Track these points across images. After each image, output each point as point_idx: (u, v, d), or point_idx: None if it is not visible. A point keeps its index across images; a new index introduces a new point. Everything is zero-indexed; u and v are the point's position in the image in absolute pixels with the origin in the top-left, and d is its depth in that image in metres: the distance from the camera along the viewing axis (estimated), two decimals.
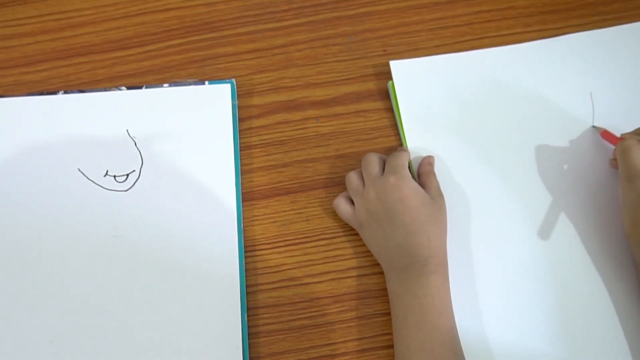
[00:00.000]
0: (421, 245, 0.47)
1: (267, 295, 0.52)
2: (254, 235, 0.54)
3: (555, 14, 0.63)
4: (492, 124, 0.57)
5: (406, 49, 0.62)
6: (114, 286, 0.50)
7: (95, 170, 0.55)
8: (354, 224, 0.53)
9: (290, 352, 0.50)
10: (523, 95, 0.58)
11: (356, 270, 0.53)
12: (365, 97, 0.60)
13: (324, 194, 0.56)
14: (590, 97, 0.58)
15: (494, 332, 0.49)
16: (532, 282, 0.51)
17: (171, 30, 0.63)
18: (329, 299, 0.51)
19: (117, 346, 0.49)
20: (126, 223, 0.53)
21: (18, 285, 0.50)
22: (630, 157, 0.48)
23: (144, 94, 0.58)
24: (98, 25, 0.63)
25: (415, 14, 0.64)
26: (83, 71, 0.61)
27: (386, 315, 0.50)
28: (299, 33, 0.63)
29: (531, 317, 0.50)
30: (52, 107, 0.57)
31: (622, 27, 0.61)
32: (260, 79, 0.60)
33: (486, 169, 0.55)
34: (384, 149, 0.57)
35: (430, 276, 0.47)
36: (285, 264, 0.53)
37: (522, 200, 0.54)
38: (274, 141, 0.58)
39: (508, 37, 0.62)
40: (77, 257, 0.51)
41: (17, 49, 0.62)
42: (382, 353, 0.50)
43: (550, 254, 0.52)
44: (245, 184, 0.56)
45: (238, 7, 0.64)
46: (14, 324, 0.49)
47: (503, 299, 0.51)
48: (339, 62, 0.61)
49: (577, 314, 0.50)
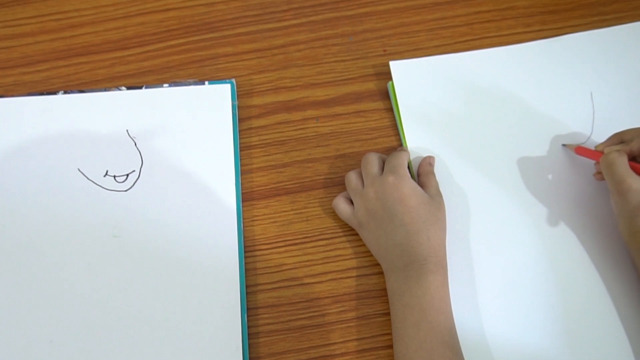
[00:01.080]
0: (420, 244, 0.48)
1: (267, 295, 0.52)
2: (254, 235, 0.54)
3: (555, 14, 0.63)
4: (492, 124, 0.57)
5: (406, 49, 0.62)
6: (114, 286, 0.50)
7: (95, 170, 0.55)
8: (353, 224, 0.53)
9: (290, 352, 0.50)
10: (523, 95, 0.58)
11: (356, 270, 0.53)
12: (365, 97, 0.60)
13: (324, 194, 0.56)
14: (591, 97, 0.58)
15: (493, 332, 0.49)
16: (531, 281, 0.51)
17: (171, 31, 0.63)
18: (329, 299, 0.51)
19: (117, 346, 0.49)
20: (126, 223, 0.53)
21: (18, 285, 0.50)
22: (616, 171, 0.47)
23: (144, 94, 0.58)
24: (98, 26, 0.63)
25: (415, 14, 0.64)
26: (83, 71, 0.61)
27: (386, 315, 0.50)
28: (299, 33, 0.63)
29: (530, 316, 0.50)
30: (52, 107, 0.57)
31: (622, 27, 0.61)
32: (260, 79, 0.60)
33: (486, 169, 0.55)
34: (384, 149, 0.57)
35: (430, 275, 0.47)
36: (285, 264, 0.53)
37: (522, 200, 0.54)
38: (274, 141, 0.58)
39: (508, 37, 0.62)
40: (77, 257, 0.51)
41: (17, 49, 0.62)
42: (382, 353, 0.50)
43: (550, 254, 0.52)
44: (245, 184, 0.56)
45: (238, 7, 0.64)
46: (14, 324, 0.49)
47: (502, 298, 0.51)
48: (338, 63, 0.61)
49: (576, 313, 0.50)
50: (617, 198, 0.48)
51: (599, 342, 0.49)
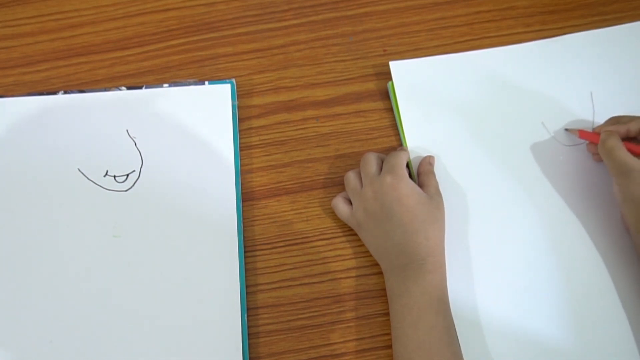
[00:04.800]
0: (419, 244, 0.48)
1: (267, 296, 0.52)
2: (254, 236, 0.54)
3: (555, 14, 0.63)
4: (492, 124, 0.57)
5: (406, 49, 0.62)
6: (114, 286, 0.50)
7: (95, 170, 0.55)
8: (352, 224, 0.53)
9: (290, 352, 0.50)
10: (523, 95, 0.58)
11: (356, 270, 0.53)
12: (365, 97, 0.60)
13: (323, 194, 0.56)
14: (591, 97, 0.58)
15: (493, 331, 0.49)
16: (531, 281, 0.51)
17: (171, 30, 0.63)
18: (328, 299, 0.51)
19: (117, 346, 0.49)
20: (126, 223, 0.53)
21: (18, 285, 0.50)
22: (616, 156, 0.49)
23: (144, 94, 0.58)
24: (98, 25, 0.63)
25: (415, 14, 0.64)
26: (83, 71, 0.61)
27: (386, 315, 0.50)
28: (299, 33, 0.63)
29: (530, 316, 0.50)
30: (52, 107, 0.57)
31: (622, 27, 0.61)
32: (260, 79, 0.60)
33: (485, 169, 0.55)
34: (383, 149, 0.57)
35: (428, 275, 0.47)
36: (285, 264, 0.53)
37: (522, 199, 0.54)
38: (274, 141, 0.58)
39: (508, 37, 0.62)
40: (77, 257, 0.51)
41: (17, 49, 0.62)
42: (381, 353, 0.50)
43: (551, 253, 0.52)
44: (245, 184, 0.56)
45: (238, 7, 0.64)
46: (14, 324, 0.49)
47: (501, 298, 0.51)
48: (338, 63, 0.61)
49: (576, 312, 0.50)
50: (622, 180, 0.48)
51: (606, 339, 0.49)
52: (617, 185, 0.49)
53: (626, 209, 0.49)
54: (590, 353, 0.49)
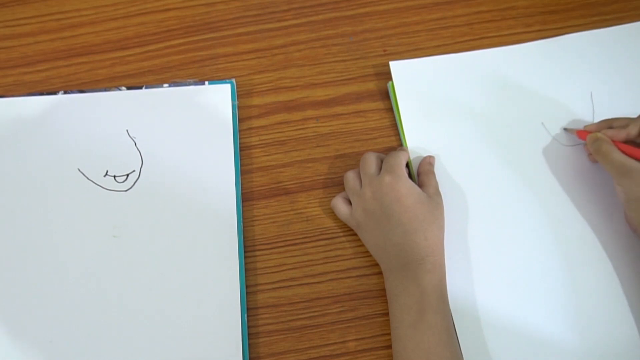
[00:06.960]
0: (418, 244, 0.48)
1: (267, 296, 0.52)
2: (254, 235, 0.54)
3: (555, 14, 0.63)
4: (492, 124, 0.57)
5: (406, 49, 0.62)
6: (114, 286, 0.50)
7: (95, 170, 0.55)
8: (351, 224, 0.53)
9: (290, 352, 0.50)
10: (523, 95, 0.58)
11: (356, 270, 0.53)
12: (365, 97, 0.60)
13: (323, 194, 0.56)
14: (591, 97, 0.58)
15: (493, 331, 0.49)
16: (531, 280, 0.51)
17: (171, 31, 0.63)
18: (328, 299, 0.51)
19: (116, 346, 0.49)
20: (126, 223, 0.53)
21: (18, 285, 0.50)
22: (613, 159, 0.49)
23: (144, 94, 0.58)
24: (98, 26, 0.63)
25: (415, 14, 0.64)
26: (83, 71, 0.61)
27: (386, 316, 0.50)
28: (299, 33, 0.63)
29: (531, 315, 0.50)
30: (52, 107, 0.57)
31: (622, 27, 0.61)
32: (260, 79, 0.60)
33: (486, 169, 0.55)
34: (383, 149, 0.57)
35: (427, 275, 0.47)
36: (285, 264, 0.53)
37: (522, 199, 0.54)
38: (274, 141, 0.58)
39: (508, 37, 0.62)
40: (77, 257, 0.51)
41: (17, 49, 0.62)
42: (381, 353, 0.50)
43: (549, 253, 0.52)
44: (245, 184, 0.56)
45: (238, 7, 0.64)
46: (14, 324, 0.49)
47: (501, 297, 0.51)
48: (338, 63, 0.61)
49: (578, 310, 0.50)
50: (624, 181, 0.48)
51: (608, 338, 0.49)
52: (619, 186, 0.49)
53: (630, 209, 0.49)
54: (593, 352, 0.49)
